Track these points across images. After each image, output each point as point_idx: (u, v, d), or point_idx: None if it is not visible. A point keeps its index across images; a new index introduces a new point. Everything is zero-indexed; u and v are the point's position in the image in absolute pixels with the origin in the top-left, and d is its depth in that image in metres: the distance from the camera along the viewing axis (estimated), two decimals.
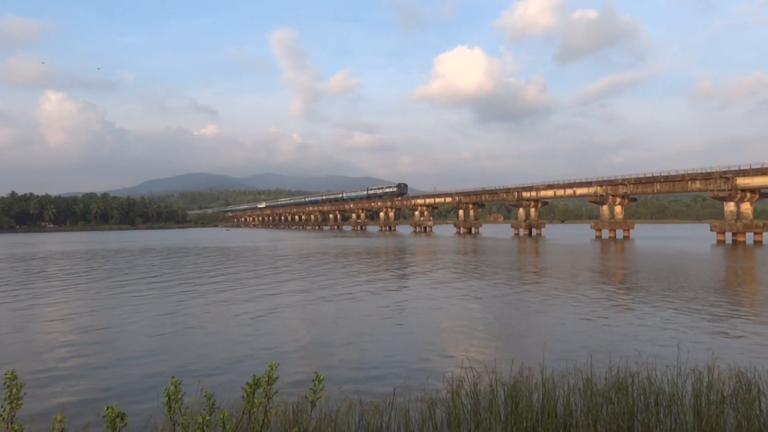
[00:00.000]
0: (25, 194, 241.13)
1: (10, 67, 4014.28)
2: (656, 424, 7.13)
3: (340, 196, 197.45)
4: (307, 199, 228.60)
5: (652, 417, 7.20)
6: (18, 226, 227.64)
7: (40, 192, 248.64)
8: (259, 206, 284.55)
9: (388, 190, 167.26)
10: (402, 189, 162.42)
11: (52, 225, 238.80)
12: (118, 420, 4.28)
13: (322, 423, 6.74)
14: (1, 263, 48.16)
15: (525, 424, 6.98)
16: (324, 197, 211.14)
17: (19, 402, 4.51)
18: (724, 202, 78.11)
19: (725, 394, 7.38)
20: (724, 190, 77.40)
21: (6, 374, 4.53)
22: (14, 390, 4.50)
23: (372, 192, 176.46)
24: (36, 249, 75.19)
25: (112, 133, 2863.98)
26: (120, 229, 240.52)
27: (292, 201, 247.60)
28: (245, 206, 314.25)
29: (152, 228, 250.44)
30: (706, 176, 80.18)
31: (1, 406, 4.50)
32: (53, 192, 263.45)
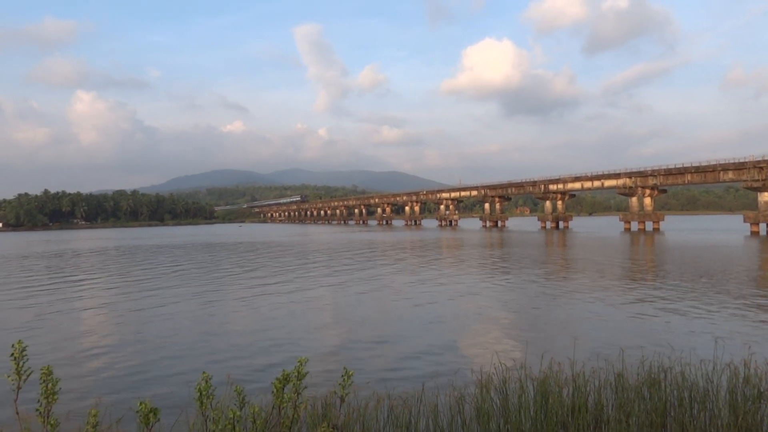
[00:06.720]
0: (58, 192, 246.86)
1: (47, 68, 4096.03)
2: (690, 420, 6.98)
3: (282, 201, 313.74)
4: (271, 202, 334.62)
5: (685, 413, 7.05)
6: (51, 224, 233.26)
7: (72, 190, 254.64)
8: (244, 206, 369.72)
9: (296, 198, 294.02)
10: (304, 198, 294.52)
11: (83, 222, 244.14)
12: (151, 415, 4.34)
13: (351, 417, 6.73)
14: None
15: (555, 420, 6.89)
16: (279, 201, 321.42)
17: (55, 397, 4.60)
18: (758, 193, 76.29)
19: (762, 390, 7.19)
20: (758, 180, 75.61)
21: (42, 369, 4.63)
22: (50, 385, 4.59)
23: (290, 200, 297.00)
24: (82, 245, 76.88)
25: (141, 131, 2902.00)
26: (149, 225, 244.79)
27: (264, 203, 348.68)
28: (271, 201, 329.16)
29: (180, 224, 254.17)
30: (739, 166, 78.39)
31: (38, 401, 4.60)
32: (84, 190, 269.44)
